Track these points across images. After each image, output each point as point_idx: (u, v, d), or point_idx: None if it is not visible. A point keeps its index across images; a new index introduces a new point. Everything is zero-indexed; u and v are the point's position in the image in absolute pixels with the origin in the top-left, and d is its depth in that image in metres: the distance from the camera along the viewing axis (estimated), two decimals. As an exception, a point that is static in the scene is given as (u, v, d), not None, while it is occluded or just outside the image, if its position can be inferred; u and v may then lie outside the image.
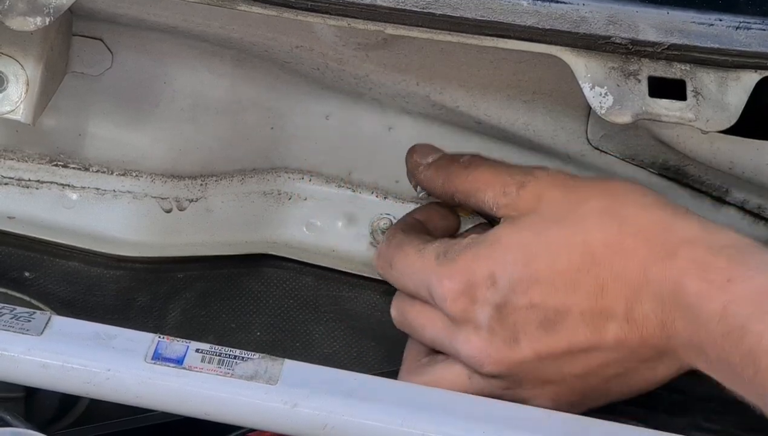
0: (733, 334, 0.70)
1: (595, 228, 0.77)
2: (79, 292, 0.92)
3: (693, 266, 0.73)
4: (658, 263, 0.75)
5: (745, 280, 0.71)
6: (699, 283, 0.72)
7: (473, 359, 0.80)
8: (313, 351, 0.92)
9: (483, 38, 0.73)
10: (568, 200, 0.79)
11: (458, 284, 0.80)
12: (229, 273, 0.94)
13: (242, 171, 0.96)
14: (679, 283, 0.73)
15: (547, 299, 0.77)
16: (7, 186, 0.94)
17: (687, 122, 0.74)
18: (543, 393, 0.81)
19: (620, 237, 0.77)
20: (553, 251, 0.78)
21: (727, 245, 0.74)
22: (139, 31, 0.89)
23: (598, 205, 0.78)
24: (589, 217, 0.78)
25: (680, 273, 0.73)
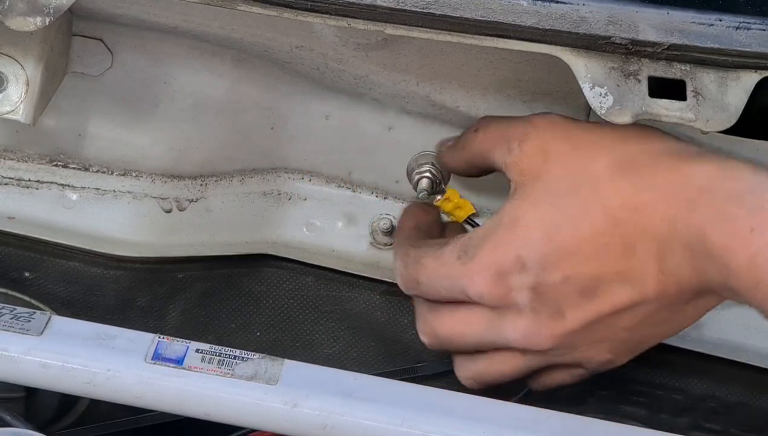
0: (763, 284, 0.70)
1: (611, 190, 0.77)
2: (79, 292, 0.92)
3: (714, 218, 0.73)
4: (680, 216, 0.74)
5: (767, 228, 0.71)
6: (722, 235, 0.72)
7: (525, 341, 0.79)
8: (313, 351, 0.92)
9: (483, 38, 0.73)
10: (576, 159, 0.78)
11: (489, 278, 0.79)
12: (229, 273, 0.94)
13: (242, 171, 0.96)
14: (704, 235, 0.73)
15: (579, 269, 0.77)
16: (7, 186, 0.94)
17: (687, 122, 0.74)
18: (598, 352, 0.81)
19: (637, 195, 0.76)
20: (573, 221, 0.77)
21: (745, 190, 0.73)
22: (139, 31, 0.89)
23: (608, 163, 0.77)
24: (601, 178, 0.77)
25: (703, 225, 0.73)
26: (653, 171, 0.76)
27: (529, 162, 0.79)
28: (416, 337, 0.90)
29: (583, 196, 0.77)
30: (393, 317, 0.92)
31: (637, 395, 0.89)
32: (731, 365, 0.90)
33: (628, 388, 0.89)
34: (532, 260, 0.77)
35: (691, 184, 0.75)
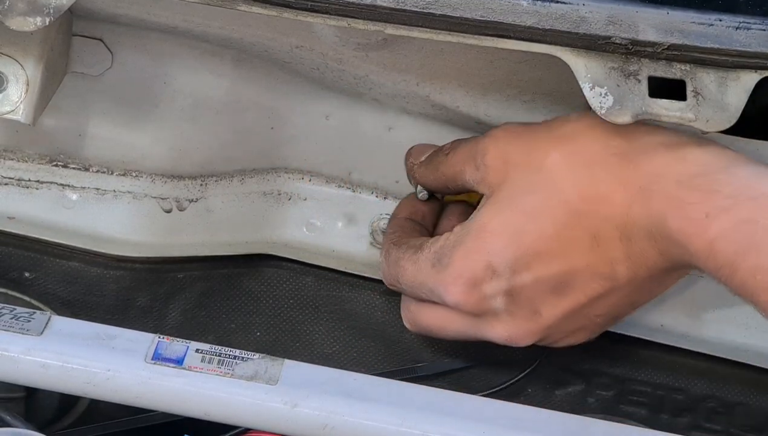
0: (724, 270, 0.71)
1: (567, 184, 0.78)
2: (79, 292, 0.92)
3: (668, 204, 0.74)
4: (636, 203, 0.76)
5: (721, 212, 0.72)
6: (679, 221, 0.73)
7: (505, 341, 0.82)
8: (313, 351, 0.92)
9: (483, 38, 0.73)
10: (531, 160, 0.79)
11: (463, 286, 0.81)
12: (229, 273, 0.94)
13: (242, 171, 0.96)
14: (662, 221, 0.74)
15: (549, 268, 0.78)
16: (7, 186, 0.94)
17: (687, 122, 0.74)
18: (577, 338, 0.83)
19: (594, 186, 0.77)
20: (536, 221, 0.78)
21: (696, 173, 0.74)
22: (139, 31, 0.89)
23: (560, 157, 0.79)
24: (556, 173, 0.78)
25: (660, 212, 0.74)
26: (605, 161, 0.77)
27: (494, 174, 0.81)
28: (416, 337, 0.90)
29: (542, 194, 0.79)
30: (393, 317, 0.92)
31: (637, 395, 0.89)
32: (731, 365, 0.90)
33: (628, 388, 0.89)
34: (502, 266, 0.79)
35: (643, 170, 0.76)
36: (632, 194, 0.76)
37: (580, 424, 0.78)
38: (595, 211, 0.77)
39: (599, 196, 0.77)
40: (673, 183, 0.74)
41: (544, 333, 0.81)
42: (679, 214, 0.73)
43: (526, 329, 0.81)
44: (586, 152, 0.78)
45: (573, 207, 0.77)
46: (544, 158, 0.79)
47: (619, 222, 0.76)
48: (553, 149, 0.79)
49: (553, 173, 0.78)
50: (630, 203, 0.76)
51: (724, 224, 0.71)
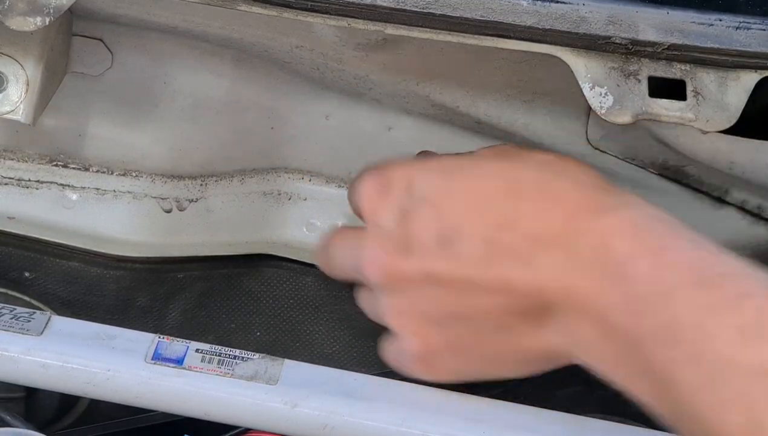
0: (655, 298, 0.66)
1: (534, 167, 0.74)
2: (79, 292, 0.92)
3: (627, 225, 0.69)
4: (586, 214, 0.70)
5: (679, 249, 0.68)
6: (631, 242, 0.68)
7: (367, 265, 0.76)
8: (314, 351, 0.92)
9: (483, 38, 0.73)
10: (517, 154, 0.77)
11: (377, 183, 0.76)
12: (229, 273, 0.94)
13: (242, 171, 0.96)
14: (607, 239, 0.68)
15: (453, 215, 0.73)
16: (7, 186, 0.94)
17: (687, 122, 0.74)
18: (414, 328, 0.76)
19: (555, 180, 0.73)
20: (479, 175, 0.75)
21: (662, 217, 0.70)
22: (139, 31, 0.89)
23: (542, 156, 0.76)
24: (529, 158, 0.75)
25: (610, 230, 0.69)
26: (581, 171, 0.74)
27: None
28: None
29: (505, 162, 0.75)
30: (393, 317, 0.92)
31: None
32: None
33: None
34: (420, 189, 0.75)
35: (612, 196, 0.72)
36: (586, 205, 0.71)
37: (580, 424, 0.78)
38: (535, 200, 0.72)
39: (550, 190, 0.72)
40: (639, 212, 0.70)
41: (398, 282, 0.74)
42: (633, 236, 0.68)
43: (388, 261, 0.74)
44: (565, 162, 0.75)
45: (520, 185, 0.73)
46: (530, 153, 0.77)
47: (551, 222, 0.71)
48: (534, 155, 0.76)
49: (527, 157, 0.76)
50: (578, 212, 0.71)
51: (677, 257, 0.67)
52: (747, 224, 0.93)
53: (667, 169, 0.91)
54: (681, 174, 0.91)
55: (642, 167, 0.91)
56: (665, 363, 0.65)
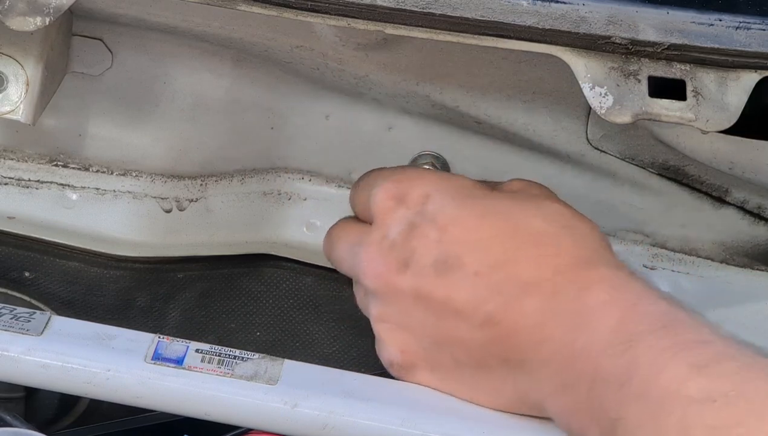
0: (619, 344, 0.68)
1: (544, 216, 0.77)
2: (79, 292, 0.92)
3: (605, 280, 0.73)
4: (574, 268, 0.74)
5: (650, 304, 0.71)
6: (606, 295, 0.71)
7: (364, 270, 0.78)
8: (313, 351, 0.92)
9: (483, 38, 0.73)
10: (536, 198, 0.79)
11: (394, 191, 0.79)
12: (229, 273, 0.94)
13: (242, 171, 0.96)
14: (584, 292, 0.72)
15: (455, 243, 0.76)
16: (7, 186, 0.94)
17: (687, 122, 0.74)
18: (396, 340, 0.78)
19: (558, 234, 0.76)
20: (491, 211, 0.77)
21: (640, 279, 0.74)
22: (139, 31, 0.89)
23: (558, 206, 0.78)
24: (546, 206, 0.78)
25: (589, 283, 0.72)
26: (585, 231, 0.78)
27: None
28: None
29: (523, 208, 0.78)
30: (393, 317, 0.92)
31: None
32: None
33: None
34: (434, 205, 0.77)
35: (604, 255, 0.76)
36: (575, 261, 0.74)
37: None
38: (529, 248, 0.75)
39: (547, 243, 0.76)
40: (624, 272, 0.74)
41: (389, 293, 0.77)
42: (610, 290, 0.72)
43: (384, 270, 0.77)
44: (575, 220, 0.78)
45: (524, 231, 0.76)
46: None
47: (537, 272, 0.74)
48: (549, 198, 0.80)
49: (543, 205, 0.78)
50: (565, 266, 0.74)
51: (646, 311, 0.70)
52: (747, 224, 0.93)
53: (667, 169, 0.91)
54: (681, 174, 0.91)
55: (642, 167, 0.91)
56: (615, 403, 0.67)
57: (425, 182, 0.79)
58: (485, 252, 0.75)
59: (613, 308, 0.70)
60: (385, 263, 0.77)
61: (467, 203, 0.77)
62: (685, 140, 0.84)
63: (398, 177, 0.80)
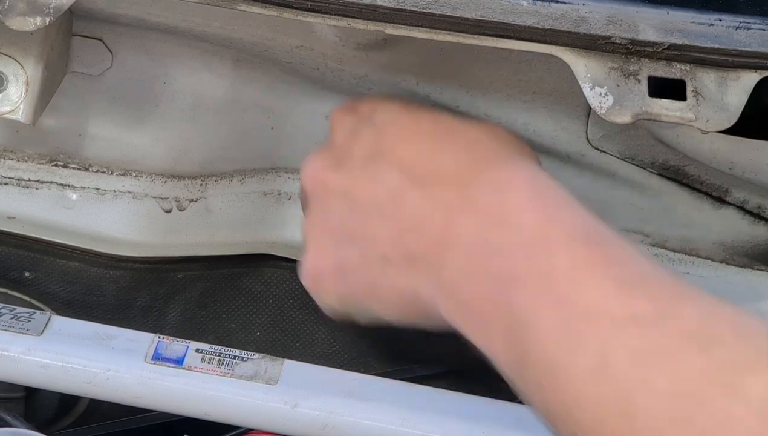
0: (538, 246, 0.67)
1: (477, 127, 0.78)
2: (79, 292, 0.92)
3: (527, 180, 0.71)
4: (493, 162, 0.73)
5: (572, 212, 0.69)
6: (527, 195, 0.70)
7: (304, 174, 0.80)
8: (314, 351, 0.92)
9: (483, 38, 0.73)
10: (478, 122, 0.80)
11: (347, 106, 0.82)
12: (229, 273, 0.94)
13: (242, 171, 0.96)
14: (506, 190, 0.71)
15: (386, 140, 0.77)
16: (7, 186, 0.94)
17: (687, 122, 0.74)
18: (316, 244, 0.79)
19: (483, 138, 0.76)
20: (428, 119, 0.78)
21: (563, 189, 0.72)
22: (139, 31, 0.89)
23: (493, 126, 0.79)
24: (483, 124, 0.79)
25: (512, 183, 0.71)
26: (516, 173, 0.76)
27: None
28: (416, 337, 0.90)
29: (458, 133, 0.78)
30: (393, 317, 0.92)
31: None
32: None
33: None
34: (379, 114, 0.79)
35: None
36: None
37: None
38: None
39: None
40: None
41: (317, 188, 0.79)
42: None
43: (319, 169, 0.79)
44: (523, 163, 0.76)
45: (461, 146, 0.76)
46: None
47: (456, 169, 0.74)
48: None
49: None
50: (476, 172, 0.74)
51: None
52: (747, 223, 0.93)
53: (667, 170, 0.91)
54: (681, 174, 0.91)
55: (642, 167, 0.91)
56: (528, 308, 0.65)
57: (378, 99, 0.81)
58: (412, 146, 0.76)
59: (535, 210, 0.69)
60: (322, 164, 0.79)
61: (410, 110, 0.79)
62: (685, 140, 0.84)
63: (356, 98, 0.82)
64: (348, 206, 0.77)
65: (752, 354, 0.57)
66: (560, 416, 0.63)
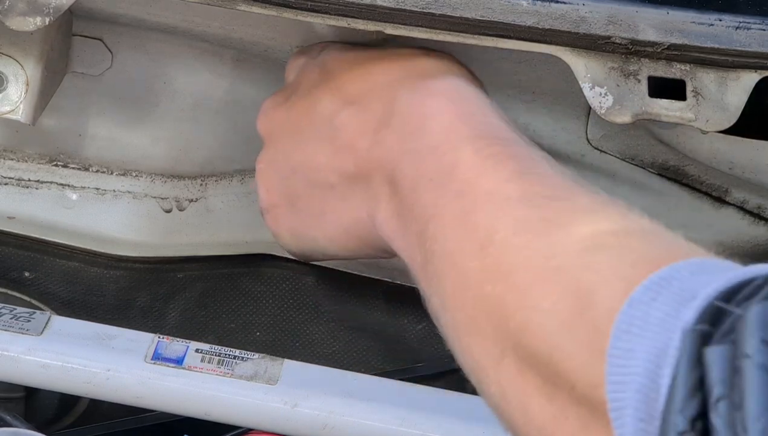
0: (444, 147, 0.69)
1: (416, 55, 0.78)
2: (79, 292, 0.92)
3: (448, 92, 0.73)
4: (420, 79, 0.75)
5: (486, 116, 0.71)
6: (443, 102, 0.72)
7: (258, 116, 0.82)
8: (314, 351, 0.92)
9: (483, 38, 0.73)
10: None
11: (301, 49, 0.83)
12: (229, 273, 0.94)
13: (242, 171, 0.96)
14: (424, 99, 0.73)
15: (327, 71, 0.78)
16: (7, 186, 0.94)
17: (687, 122, 0.74)
18: (267, 182, 0.81)
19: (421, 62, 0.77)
20: (371, 51, 0.79)
21: (483, 97, 0.75)
22: (139, 31, 0.89)
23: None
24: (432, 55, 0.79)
25: (430, 92, 0.73)
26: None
27: None
28: (416, 337, 0.90)
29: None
30: (393, 317, 0.92)
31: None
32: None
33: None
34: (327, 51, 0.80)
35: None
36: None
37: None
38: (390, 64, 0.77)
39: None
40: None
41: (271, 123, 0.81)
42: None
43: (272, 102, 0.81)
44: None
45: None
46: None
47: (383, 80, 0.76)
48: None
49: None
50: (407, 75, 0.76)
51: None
52: (747, 223, 0.93)
53: (667, 170, 0.91)
54: (681, 174, 0.91)
55: (642, 167, 0.91)
56: (432, 201, 0.67)
57: (330, 42, 0.81)
58: (347, 74, 0.77)
59: (448, 113, 0.71)
60: (273, 100, 0.81)
61: (355, 49, 0.79)
62: (685, 140, 0.84)
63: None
64: (291, 137, 0.79)
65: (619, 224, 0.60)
66: (448, 303, 0.65)
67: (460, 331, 0.64)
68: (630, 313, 0.53)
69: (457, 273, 0.64)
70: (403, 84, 0.74)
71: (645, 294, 0.53)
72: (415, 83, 0.74)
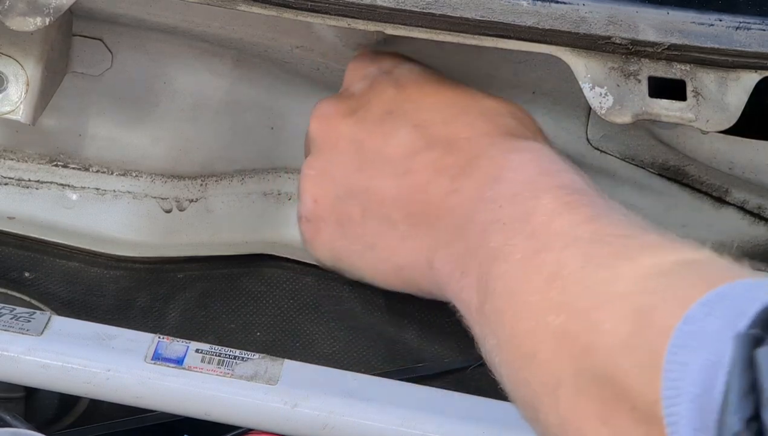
0: (527, 193, 0.69)
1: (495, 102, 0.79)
2: (79, 292, 0.92)
3: (533, 150, 0.73)
4: (505, 137, 0.75)
5: (571, 175, 0.71)
6: (528, 156, 0.72)
7: (312, 117, 0.80)
8: (314, 351, 0.92)
9: (483, 38, 0.73)
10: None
11: (367, 56, 0.82)
12: (229, 273, 0.94)
13: (242, 171, 0.96)
14: (508, 154, 0.73)
15: (408, 101, 0.77)
16: (7, 186, 0.94)
17: (687, 122, 0.74)
18: (315, 191, 0.78)
19: (503, 116, 0.77)
20: (453, 87, 0.79)
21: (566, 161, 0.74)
22: (139, 31, 0.89)
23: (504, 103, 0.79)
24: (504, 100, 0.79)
25: (515, 148, 0.73)
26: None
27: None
28: (416, 337, 0.90)
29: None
30: (393, 317, 0.92)
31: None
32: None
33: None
34: (402, 69, 0.79)
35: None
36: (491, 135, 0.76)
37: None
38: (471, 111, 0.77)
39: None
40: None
41: (324, 130, 0.79)
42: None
43: (330, 111, 0.79)
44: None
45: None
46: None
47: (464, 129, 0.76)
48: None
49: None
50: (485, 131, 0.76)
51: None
52: (747, 223, 0.93)
53: (667, 170, 0.91)
54: (681, 174, 0.91)
55: (642, 167, 0.91)
56: (503, 243, 0.67)
57: (399, 55, 0.81)
58: (430, 111, 0.76)
59: (531, 167, 0.71)
60: (336, 109, 0.79)
61: (432, 72, 0.79)
62: (685, 140, 0.84)
63: (377, 49, 0.81)
64: (356, 157, 0.77)
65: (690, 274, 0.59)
66: (505, 339, 0.65)
67: (517, 365, 0.64)
68: (685, 329, 0.53)
69: (518, 307, 0.64)
70: (488, 143, 0.74)
71: (700, 310, 0.54)
72: (499, 140, 0.74)
